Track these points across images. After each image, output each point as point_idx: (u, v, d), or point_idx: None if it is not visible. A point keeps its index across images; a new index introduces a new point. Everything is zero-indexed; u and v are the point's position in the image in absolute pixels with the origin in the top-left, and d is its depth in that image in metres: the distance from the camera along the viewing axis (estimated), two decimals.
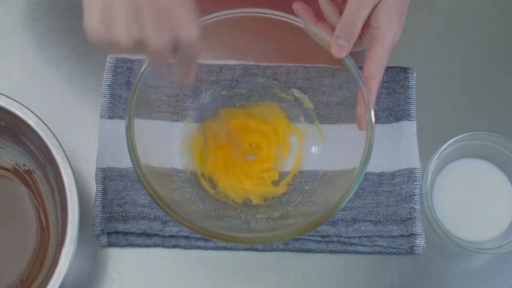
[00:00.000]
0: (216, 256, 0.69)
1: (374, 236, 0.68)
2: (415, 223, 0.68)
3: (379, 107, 0.72)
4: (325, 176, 0.68)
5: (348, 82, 0.64)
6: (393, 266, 0.69)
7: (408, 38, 0.75)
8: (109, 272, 0.69)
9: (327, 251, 0.69)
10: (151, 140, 0.66)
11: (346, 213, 0.69)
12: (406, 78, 0.73)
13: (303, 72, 0.71)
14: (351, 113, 0.64)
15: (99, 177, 0.70)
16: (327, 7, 0.63)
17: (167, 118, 0.70)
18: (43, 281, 0.64)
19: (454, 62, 0.75)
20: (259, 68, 0.72)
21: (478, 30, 0.76)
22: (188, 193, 0.68)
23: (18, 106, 0.63)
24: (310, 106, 0.71)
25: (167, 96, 0.69)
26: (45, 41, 0.75)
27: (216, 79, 0.72)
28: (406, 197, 0.69)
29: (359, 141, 0.61)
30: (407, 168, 0.70)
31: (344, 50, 0.61)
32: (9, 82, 0.74)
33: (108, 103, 0.72)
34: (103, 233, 0.69)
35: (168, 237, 0.69)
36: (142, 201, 0.69)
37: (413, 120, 0.72)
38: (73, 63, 0.75)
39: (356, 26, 0.59)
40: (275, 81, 0.72)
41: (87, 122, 0.73)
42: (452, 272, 0.69)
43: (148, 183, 0.60)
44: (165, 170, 0.68)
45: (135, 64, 0.73)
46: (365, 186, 0.70)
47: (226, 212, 0.68)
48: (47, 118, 0.64)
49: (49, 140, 0.62)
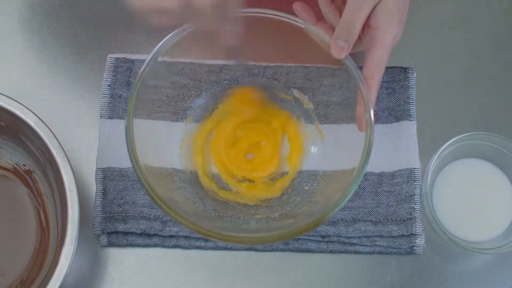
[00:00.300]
0: (216, 256, 0.69)
1: (374, 236, 0.68)
2: (415, 223, 0.68)
3: (379, 107, 0.72)
4: (325, 176, 0.68)
5: (348, 82, 0.64)
6: (393, 266, 0.69)
7: (408, 38, 0.75)
8: (109, 272, 0.69)
9: (327, 251, 0.69)
10: (151, 140, 0.66)
11: (346, 213, 0.69)
12: (406, 78, 0.73)
13: (303, 72, 0.71)
14: (351, 113, 0.64)
15: (99, 177, 0.70)
16: (327, 8, 0.63)
17: (167, 118, 0.70)
18: (43, 281, 0.64)
19: (454, 62, 0.75)
20: (259, 68, 0.72)
21: (478, 30, 0.76)
22: (188, 193, 0.68)
23: (18, 106, 0.63)
24: (310, 106, 0.71)
25: (167, 96, 0.69)
26: (45, 41, 0.75)
27: (216, 79, 0.72)
28: (406, 197, 0.69)
29: (358, 141, 0.61)
30: (407, 168, 0.70)
31: (343, 51, 0.61)
32: (9, 82, 0.74)
33: (108, 103, 0.72)
34: (103, 233, 0.69)
35: (168, 237, 0.69)
36: (142, 201, 0.69)
37: (413, 120, 0.72)
38: (73, 63, 0.75)
39: (355, 27, 0.59)
40: (275, 81, 0.72)
41: (87, 122, 0.73)
42: (452, 272, 0.69)
43: (148, 183, 0.60)
44: (165, 170, 0.68)
45: (135, 64, 0.73)
46: (365, 186, 0.70)
47: (225, 212, 0.68)
48: (47, 118, 0.64)
49: (49, 140, 0.62)
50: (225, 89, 0.72)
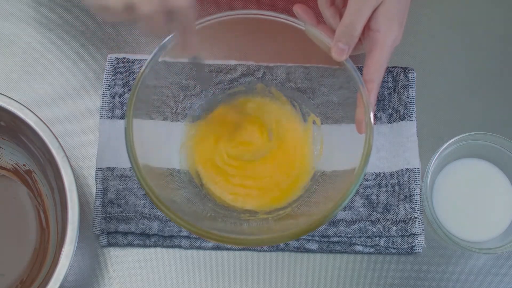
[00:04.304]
0: (216, 256, 0.69)
1: (374, 236, 0.68)
2: (415, 223, 0.68)
3: (379, 107, 0.72)
4: (325, 177, 0.68)
5: (348, 82, 0.64)
6: (393, 266, 0.69)
7: (408, 38, 0.75)
8: (109, 272, 0.69)
9: (327, 251, 0.69)
10: (151, 140, 0.66)
11: (346, 213, 0.69)
12: (406, 78, 0.73)
13: (303, 72, 0.71)
14: (351, 113, 0.64)
15: (99, 177, 0.70)
16: (327, 10, 0.63)
17: (167, 118, 0.70)
18: (43, 281, 0.64)
19: (454, 62, 0.75)
20: (259, 68, 0.72)
21: (478, 30, 0.76)
22: (188, 193, 0.68)
23: (18, 106, 0.63)
24: (310, 106, 0.71)
25: (167, 96, 0.69)
26: (45, 41, 0.75)
27: (216, 79, 0.72)
28: (406, 197, 0.69)
29: (359, 142, 0.61)
30: (407, 168, 0.70)
31: (344, 53, 0.61)
32: (9, 82, 0.74)
33: (108, 103, 0.72)
34: (103, 233, 0.69)
35: (168, 237, 0.69)
36: (142, 201, 0.69)
37: (413, 120, 0.72)
38: (73, 63, 0.75)
39: (356, 30, 0.59)
40: (275, 81, 0.72)
41: (87, 122, 0.73)
42: (452, 272, 0.69)
43: (147, 184, 0.60)
44: (165, 170, 0.68)
45: (135, 64, 0.73)
46: (365, 186, 0.70)
47: (225, 212, 0.68)
48: (47, 118, 0.64)
49: (49, 140, 0.62)
50: (225, 89, 0.72)
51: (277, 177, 0.69)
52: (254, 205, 0.69)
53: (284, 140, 0.71)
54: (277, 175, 0.70)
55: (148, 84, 0.64)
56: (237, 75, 0.72)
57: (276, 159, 0.70)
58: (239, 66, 0.72)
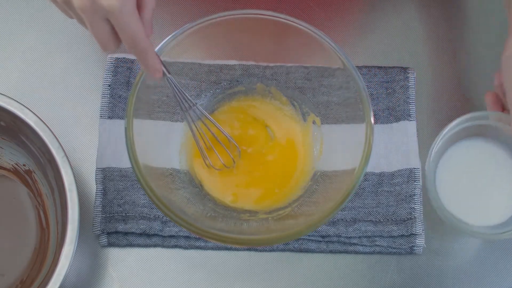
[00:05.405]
0: (216, 256, 0.69)
1: (374, 236, 0.68)
2: (415, 223, 0.68)
3: (379, 107, 0.72)
4: (325, 177, 0.68)
5: (348, 82, 0.64)
6: (393, 266, 0.69)
7: (408, 38, 0.76)
8: (109, 272, 0.69)
9: (327, 251, 0.69)
10: (151, 140, 0.66)
11: (346, 213, 0.69)
12: (406, 78, 0.73)
13: (303, 72, 0.71)
14: (351, 113, 0.64)
15: (99, 177, 0.70)
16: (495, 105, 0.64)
17: (167, 118, 0.70)
18: (43, 281, 0.64)
19: (454, 62, 0.75)
20: (259, 68, 0.72)
21: (478, 30, 0.76)
22: (188, 193, 0.68)
23: (18, 106, 0.63)
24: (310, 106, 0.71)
25: (167, 96, 0.69)
26: (45, 41, 0.75)
27: (216, 79, 0.72)
28: (406, 197, 0.69)
29: (359, 141, 0.61)
30: (407, 168, 0.70)
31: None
32: (9, 82, 0.74)
33: (108, 103, 0.72)
34: (103, 233, 0.69)
35: (168, 237, 0.69)
36: (142, 201, 0.69)
37: (413, 120, 0.72)
38: (73, 63, 0.75)
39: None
40: (275, 81, 0.72)
41: (87, 122, 0.73)
42: (452, 272, 0.69)
43: (147, 184, 0.60)
44: (165, 170, 0.68)
45: (135, 64, 0.73)
46: (365, 186, 0.70)
47: (225, 213, 0.68)
48: (47, 118, 0.64)
49: (49, 140, 0.62)
50: (225, 89, 0.72)
51: (277, 177, 0.70)
52: (254, 205, 0.69)
53: (284, 140, 0.71)
54: (277, 175, 0.70)
55: (148, 84, 0.64)
56: (237, 75, 0.72)
57: (276, 159, 0.70)
58: (239, 66, 0.72)
